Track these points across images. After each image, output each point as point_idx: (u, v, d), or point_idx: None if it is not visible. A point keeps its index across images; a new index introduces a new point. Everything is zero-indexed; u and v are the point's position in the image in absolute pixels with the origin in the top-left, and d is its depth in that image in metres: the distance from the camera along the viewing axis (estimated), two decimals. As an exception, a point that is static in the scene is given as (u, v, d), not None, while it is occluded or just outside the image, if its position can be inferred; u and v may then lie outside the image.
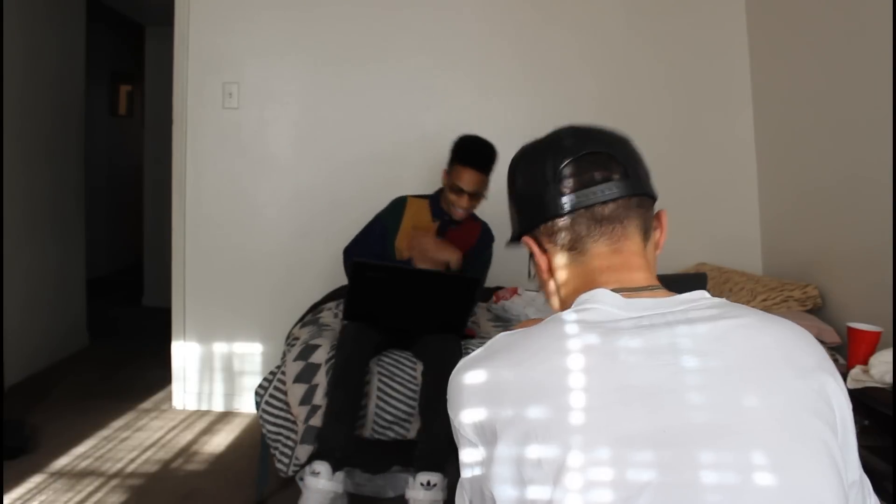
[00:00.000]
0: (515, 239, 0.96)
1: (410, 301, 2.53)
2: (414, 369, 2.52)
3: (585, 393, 0.71)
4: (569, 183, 0.86)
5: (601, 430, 0.70)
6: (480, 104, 3.61)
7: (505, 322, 2.98)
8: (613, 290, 0.82)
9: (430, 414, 2.40)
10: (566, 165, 0.86)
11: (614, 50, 3.58)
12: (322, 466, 2.28)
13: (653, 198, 0.90)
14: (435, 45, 3.59)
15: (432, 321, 2.54)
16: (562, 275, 0.89)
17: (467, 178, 2.69)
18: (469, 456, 0.79)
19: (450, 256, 2.67)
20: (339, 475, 2.30)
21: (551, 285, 0.92)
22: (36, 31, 3.94)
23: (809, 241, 3.13)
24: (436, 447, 2.36)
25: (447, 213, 2.79)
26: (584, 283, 0.87)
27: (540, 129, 0.94)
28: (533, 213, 0.89)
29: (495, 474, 0.74)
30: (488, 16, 3.60)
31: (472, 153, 2.71)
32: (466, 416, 0.79)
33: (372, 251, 2.80)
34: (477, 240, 2.85)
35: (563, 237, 0.88)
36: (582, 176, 0.86)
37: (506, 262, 3.64)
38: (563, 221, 0.87)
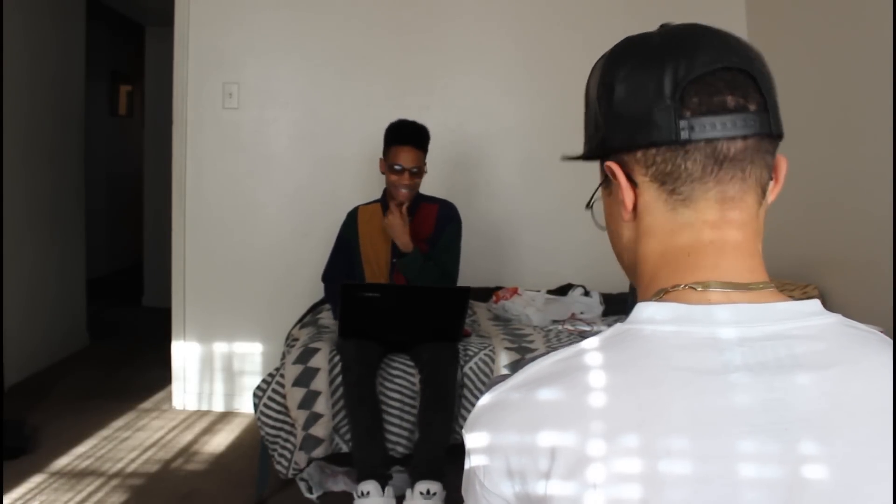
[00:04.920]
0: (590, 157, 0.73)
1: (403, 315, 2.55)
2: (413, 376, 2.53)
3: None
4: (693, 103, 0.63)
5: None
6: (480, 104, 3.61)
7: (505, 322, 2.98)
8: (703, 285, 0.64)
9: (427, 421, 2.39)
10: (694, 80, 0.64)
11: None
12: (370, 486, 2.29)
13: (781, 139, 0.68)
14: (435, 46, 3.59)
15: (427, 331, 2.54)
16: (651, 224, 0.68)
17: (405, 156, 2.73)
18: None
19: (401, 242, 2.70)
20: (389, 490, 2.31)
21: (626, 230, 0.71)
22: (36, 31, 3.94)
23: (809, 241, 3.13)
24: (434, 455, 2.35)
25: (394, 199, 2.78)
26: (674, 254, 0.66)
27: (540, 128, 0.88)
28: (632, 131, 0.66)
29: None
30: (488, 15, 3.60)
31: (405, 132, 2.77)
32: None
33: (344, 273, 2.83)
34: (436, 218, 2.84)
35: (668, 173, 0.65)
36: (712, 98, 0.63)
37: (506, 262, 3.65)
38: (673, 150, 0.65)
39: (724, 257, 0.65)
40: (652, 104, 0.64)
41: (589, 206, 0.77)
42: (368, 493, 2.28)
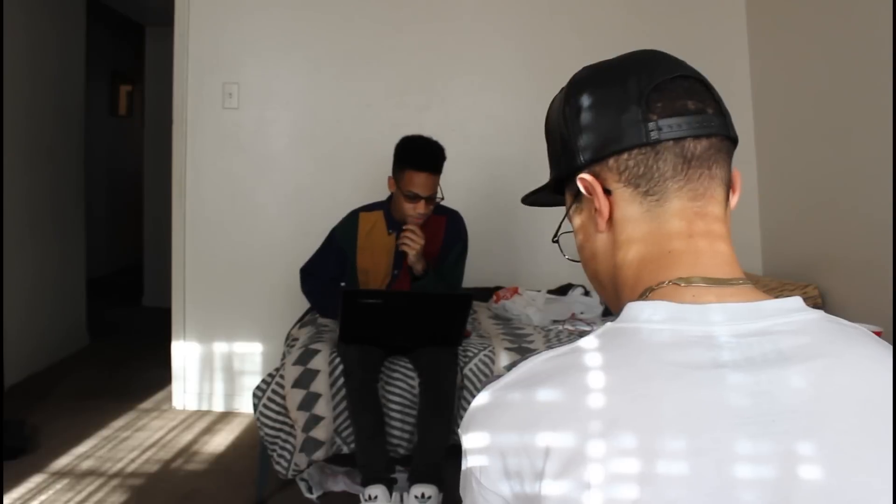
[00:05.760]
0: (562, 180, 0.77)
1: (405, 321, 2.51)
2: (414, 380, 2.52)
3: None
4: (658, 107, 0.68)
5: None
6: (480, 104, 3.61)
7: (505, 321, 2.98)
8: (686, 280, 0.67)
9: (426, 426, 2.39)
10: (656, 86, 0.69)
11: (614, 50, 3.56)
12: (378, 490, 2.28)
13: (735, 145, 0.74)
14: (435, 45, 3.59)
15: (427, 336, 2.52)
16: (629, 230, 0.71)
17: (422, 183, 2.55)
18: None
19: (417, 268, 2.63)
20: (396, 496, 2.31)
21: (601, 243, 0.73)
22: (36, 31, 3.94)
23: (809, 241, 3.13)
24: (431, 459, 2.35)
25: (402, 221, 2.66)
26: (655, 253, 0.69)
27: (540, 128, 0.88)
28: (603, 141, 0.70)
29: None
30: (488, 15, 3.60)
31: (422, 156, 2.56)
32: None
33: (330, 274, 2.78)
34: (444, 233, 2.76)
35: (641, 175, 0.69)
36: (674, 102, 0.68)
37: (506, 262, 3.65)
38: (644, 153, 0.68)
39: (703, 252, 0.69)
40: (620, 113, 0.69)
41: (556, 238, 0.81)
42: (376, 497, 2.27)
